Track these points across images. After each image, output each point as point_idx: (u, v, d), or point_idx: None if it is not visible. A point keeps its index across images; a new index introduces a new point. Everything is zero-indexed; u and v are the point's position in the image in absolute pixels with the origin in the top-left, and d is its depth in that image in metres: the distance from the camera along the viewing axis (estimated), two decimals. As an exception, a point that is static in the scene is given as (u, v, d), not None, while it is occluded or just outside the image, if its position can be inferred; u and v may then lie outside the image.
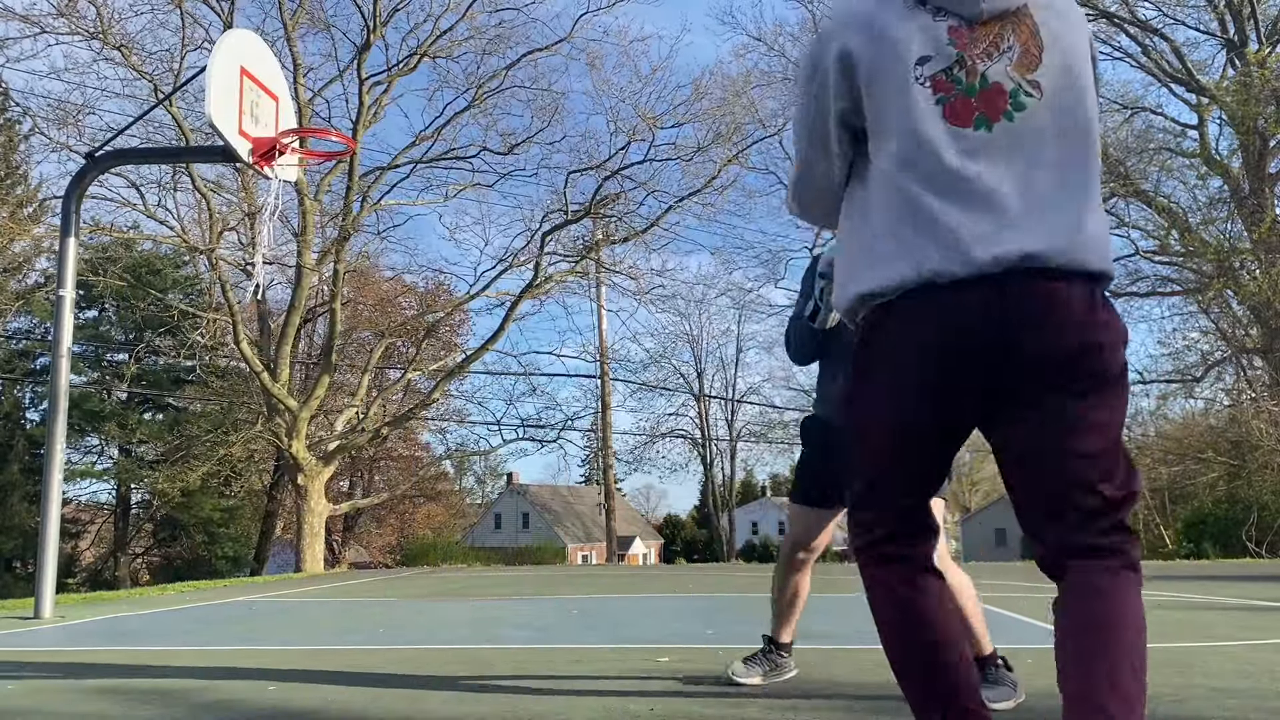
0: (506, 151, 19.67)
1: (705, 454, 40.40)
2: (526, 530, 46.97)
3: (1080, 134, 1.69)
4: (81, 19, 15.97)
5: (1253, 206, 20.22)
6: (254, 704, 2.95)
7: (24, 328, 28.14)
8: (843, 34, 1.74)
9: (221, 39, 7.48)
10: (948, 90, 1.67)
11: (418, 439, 31.75)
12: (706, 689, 3.09)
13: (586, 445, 36.24)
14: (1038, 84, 1.68)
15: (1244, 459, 21.02)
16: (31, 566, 23.10)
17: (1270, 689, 2.96)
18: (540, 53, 19.21)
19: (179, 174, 17.86)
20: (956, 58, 1.68)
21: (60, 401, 6.80)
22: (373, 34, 18.13)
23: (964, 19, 1.70)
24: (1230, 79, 20.88)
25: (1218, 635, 4.49)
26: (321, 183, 18.60)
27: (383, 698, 3.01)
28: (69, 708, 2.95)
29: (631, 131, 18.69)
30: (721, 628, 5.01)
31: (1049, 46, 1.70)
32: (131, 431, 28.61)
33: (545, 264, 19.22)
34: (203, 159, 14.20)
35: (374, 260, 23.33)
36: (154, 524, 31.28)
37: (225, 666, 3.78)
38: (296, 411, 17.80)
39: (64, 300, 6.86)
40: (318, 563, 17.97)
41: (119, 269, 21.07)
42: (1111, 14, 22.05)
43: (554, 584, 9.71)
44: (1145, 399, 24.80)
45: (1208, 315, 23.04)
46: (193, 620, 6.15)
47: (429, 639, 4.74)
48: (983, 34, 1.70)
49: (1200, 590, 7.65)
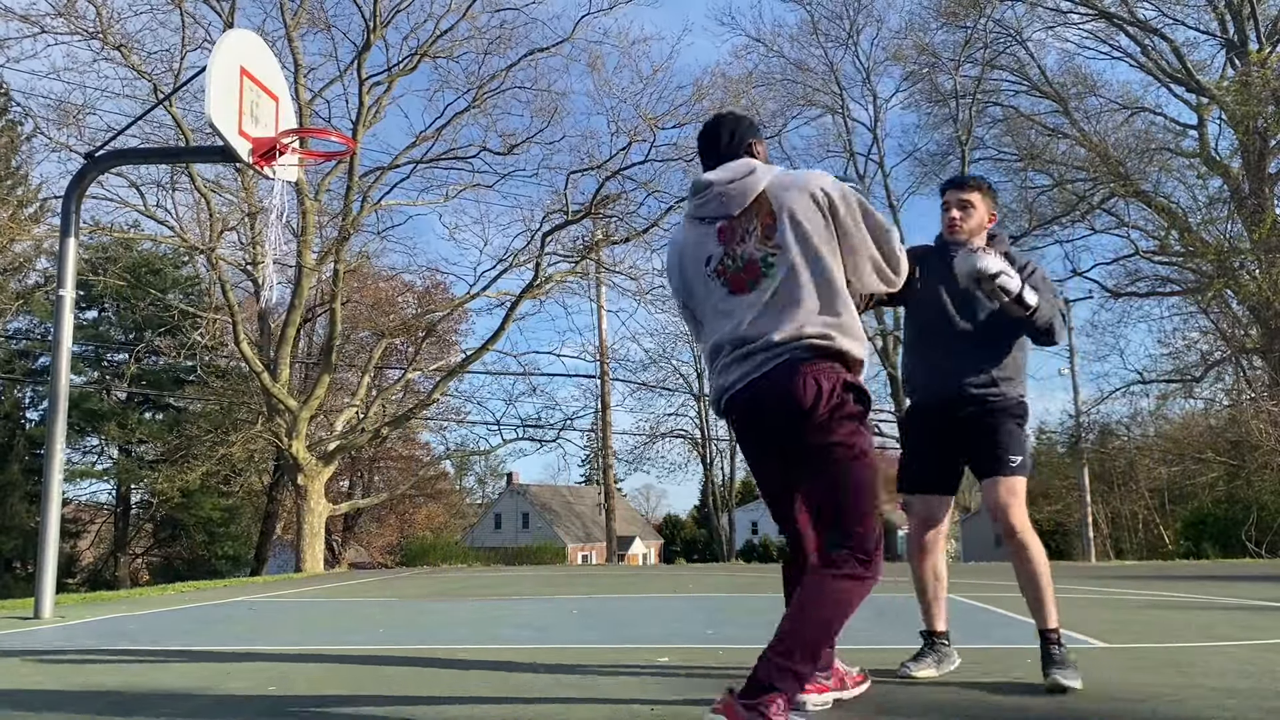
0: (506, 152, 19.65)
1: (705, 454, 40.36)
2: (526, 530, 46.96)
3: (815, 262, 2.41)
4: (80, 19, 15.97)
5: (1253, 206, 20.23)
6: (254, 704, 2.95)
7: (24, 328, 28.17)
8: (671, 255, 2.72)
9: (222, 39, 7.48)
10: (724, 273, 2.51)
11: (417, 439, 31.75)
12: (706, 689, 3.09)
13: (586, 445, 36.22)
14: (778, 246, 2.43)
15: (1244, 459, 21.01)
16: (31, 566, 23.10)
17: (1270, 689, 2.96)
18: (541, 53, 19.19)
19: (179, 174, 17.85)
20: (725, 251, 2.51)
21: (60, 401, 6.80)
22: (373, 34, 18.12)
23: (726, 218, 2.52)
24: (1230, 79, 20.88)
25: (1218, 635, 4.49)
26: (321, 183, 18.60)
27: (383, 698, 3.01)
28: (69, 708, 2.94)
29: (632, 132, 18.66)
30: (721, 628, 5.00)
31: (779, 214, 2.44)
32: (131, 431, 28.61)
33: (545, 264, 19.20)
34: (203, 159, 14.19)
35: (374, 259, 23.34)
36: (154, 524, 31.28)
37: (225, 666, 3.78)
38: (296, 411, 17.79)
39: (64, 300, 6.85)
40: (318, 563, 17.96)
41: (119, 269, 21.07)
42: (1111, 14, 22.07)
43: (554, 584, 9.71)
44: (1145, 399, 24.85)
45: (1207, 315, 23.04)
46: (193, 620, 6.14)
47: (429, 639, 4.74)
48: (738, 225, 2.50)
49: (1200, 590, 7.65)
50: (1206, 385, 23.99)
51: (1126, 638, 4.40)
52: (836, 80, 25.17)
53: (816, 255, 2.41)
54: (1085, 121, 23.10)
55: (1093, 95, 23.28)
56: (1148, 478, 26.06)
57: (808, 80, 24.99)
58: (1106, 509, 29.01)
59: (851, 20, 24.81)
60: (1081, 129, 22.92)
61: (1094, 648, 4.04)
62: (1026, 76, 23.65)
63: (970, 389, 3.23)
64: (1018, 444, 3.18)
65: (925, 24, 24.13)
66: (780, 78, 24.81)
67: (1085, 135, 22.73)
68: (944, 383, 3.28)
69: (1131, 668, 3.44)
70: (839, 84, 25.23)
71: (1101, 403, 26.00)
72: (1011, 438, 3.18)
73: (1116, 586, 8.24)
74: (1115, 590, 7.74)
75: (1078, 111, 23.10)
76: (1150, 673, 3.31)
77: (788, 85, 24.85)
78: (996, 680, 3.19)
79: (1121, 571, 11.62)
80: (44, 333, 27.25)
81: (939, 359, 3.31)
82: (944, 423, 3.28)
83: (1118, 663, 3.58)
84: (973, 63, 23.53)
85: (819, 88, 25.07)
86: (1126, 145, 22.52)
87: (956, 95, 23.70)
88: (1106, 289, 24.01)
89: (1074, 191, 23.37)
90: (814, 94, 25.05)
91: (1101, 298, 24.41)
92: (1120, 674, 3.30)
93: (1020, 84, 24.00)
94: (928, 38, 23.89)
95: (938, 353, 3.32)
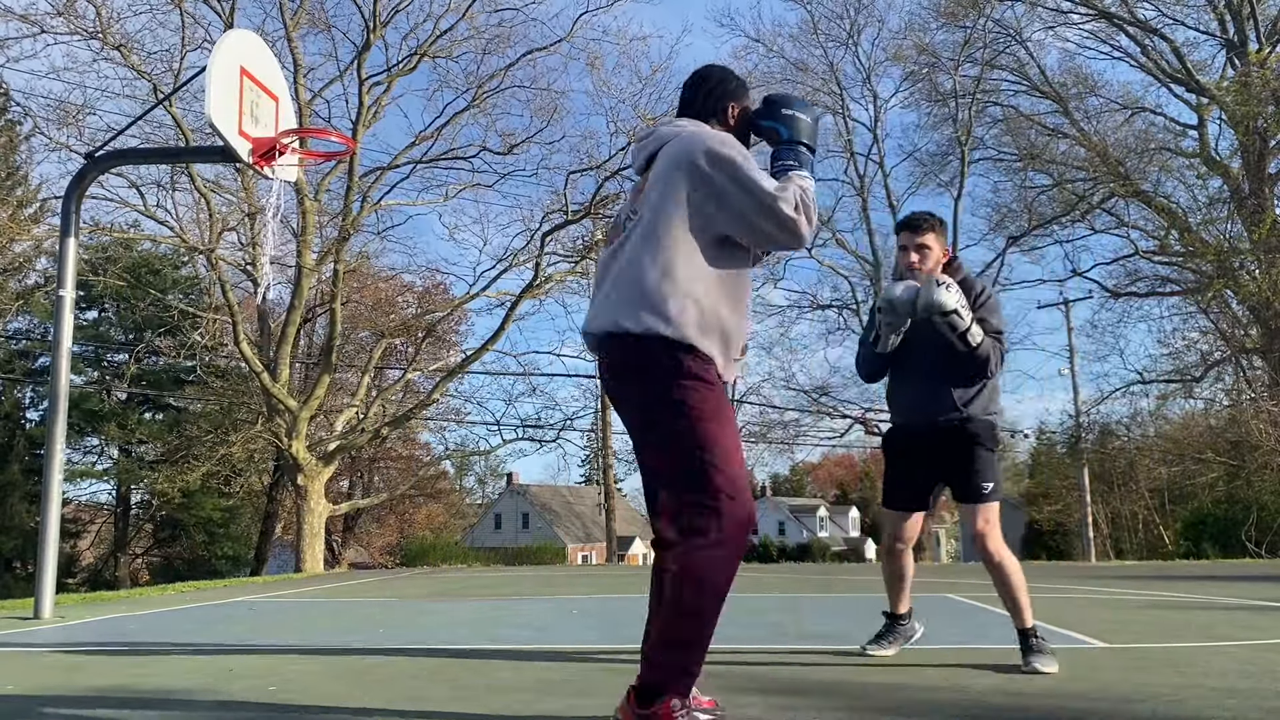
0: (506, 151, 19.67)
1: (705, 454, 40.35)
2: (526, 530, 46.96)
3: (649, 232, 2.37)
4: (80, 19, 15.98)
5: (1253, 207, 20.22)
6: (254, 704, 2.95)
7: (24, 328, 28.16)
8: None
9: (222, 39, 7.47)
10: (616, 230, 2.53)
11: (417, 439, 31.76)
12: (707, 689, 3.09)
13: (586, 445, 36.23)
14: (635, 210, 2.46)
15: (1244, 459, 21.00)
16: (31, 566, 23.11)
17: (1270, 689, 2.96)
18: (540, 52, 19.22)
19: (179, 174, 17.85)
20: (631, 208, 2.50)
21: (60, 401, 6.80)
22: (373, 34, 18.13)
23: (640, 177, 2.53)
24: (1230, 79, 20.87)
25: (1218, 635, 4.49)
26: (321, 183, 18.60)
27: (383, 698, 3.01)
28: (69, 708, 2.95)
29: (632, 132, 18.66)
30: (720, 628, 4.98)
31: (652, 178, 2.43)
32: (131, 431, 28.62)
33: (545, 264, 19.23)
34: (203, 159, 14.19)
35: (374, 259, 23.35)
36: (154, 524, 31.29)
37: (225, 666, 3.78)
38: (296, 411, 17.79)
39: (64, 300, 6.85)
40: (318, 563, 17.96)
41: (119, 269, 21.07)
42: (1111, 14, 22.06)
43: (554, 584, 9.71)
44: (1145, 399, 24.84)
45: (1207, 315, 23.03)
46: (193, 620, 6.14)
47: (429, 639, 4.73)
48: (642, 184, 2.49)
49: (1200, 590, 7.65)
50: (1206, 385, 24.01)
51: (1126, 638, 4.40)
52: (837, 80, 25.19)
53: (660, 221, 2.35)
54: (1085, 121, 23.11)
55: (1093, 95, 23.28)
56: (1148, 478, 26.05)
57: (808, 80, 24.97)
58: (1106, 509, 29.02)
59: (852, 20, 24.83)
60: (1081, 129, 22.92)
61: (1094, 648, 4.04)
62: (1026, 76, 23.65)
63: (944, 414, 3.48)
64: (990, 470, 3.46)
65: (925, 24, 24.14)
66: (780, 78, 24.78)
67: (1085, 135, 22.72)
68: (921, 408, 3.54)
69: (1131, 668, 3.44)
70: (839, 84, 25.24)
71: (1101, 403, 26.03)
72: (985, 464, 3.45)
73: (1116, 586, 8.25)
74: (1115, 590, 7.74)
75: (1078, 111, 23.10)
76: (1150, 673, 3.31)
77: (788, 85, 24.81)
78: (996, 680, 3.19)
79: (1121, 571, 11.62)
80: (44, 333, 27.25)
81: (915, 384, 3.57)
82: (921, 445, 3.56)
83: (1118, 663, 3.58)
84: (972, 63, 23.52)
85: (819, 88, 25.06)
86: (1126, 145, 22.50)
87: (956, 95, 23.69)
88: (1106, 289, 24.03)
89: (1074, 191, 23.36)
90: (814, 94, 25.04)
91: (1101, 298, 24.43)
92: (1120, 674, 3.30)
93: (1020, 84, 23.99)
94: (927, 38, 23.89)
95: (914, 378, 3.58)
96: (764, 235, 2.35)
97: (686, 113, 2.59)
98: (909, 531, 3.69)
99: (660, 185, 2.38)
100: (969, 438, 3.46)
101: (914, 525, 3.69)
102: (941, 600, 6.70)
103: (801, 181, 2.41)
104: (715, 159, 2.34)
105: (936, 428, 3.50)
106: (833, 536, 50.01)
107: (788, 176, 2.43)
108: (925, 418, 3.53)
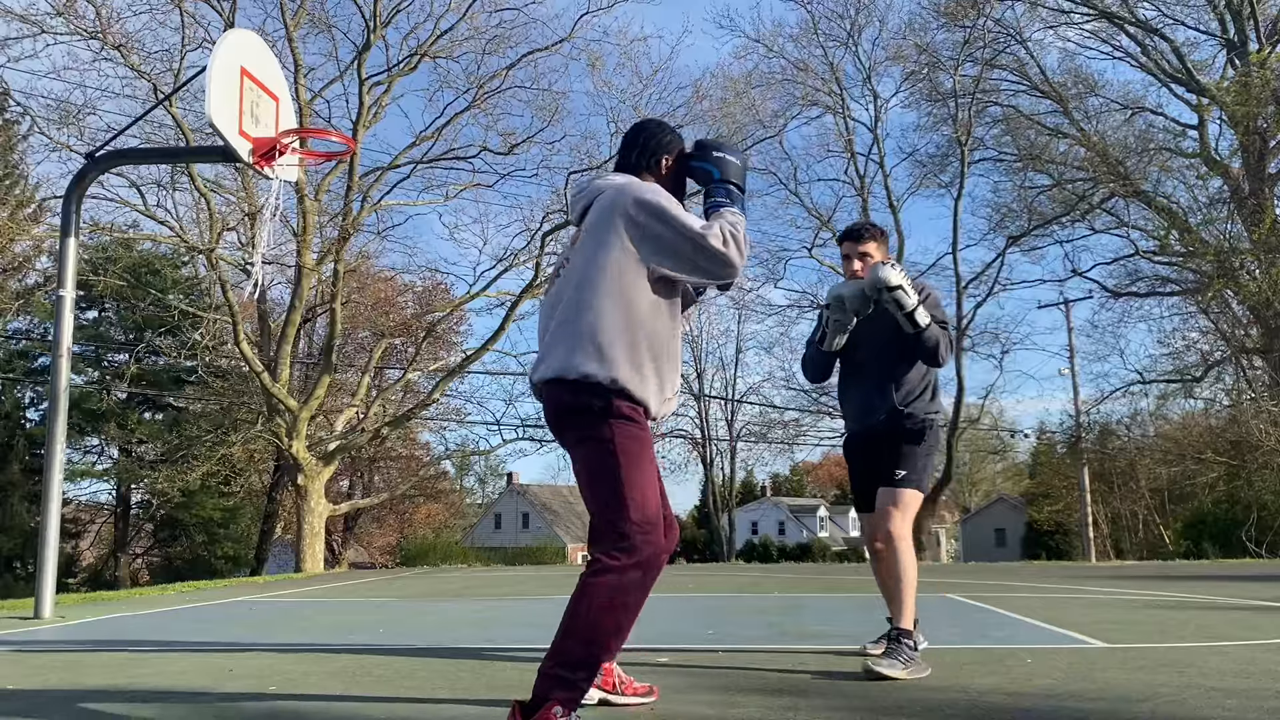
0: (506, 151, 19.66)
1: (705, 454, 40.39)
2: (526, 530, 46.98)
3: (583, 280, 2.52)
4: (80, 19, 15.97)
5: (1253, 206, 20.22)
6: (254, 704, 2.95)
7: (24, 328, 28.15)
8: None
9: (222, 39, 7.46)
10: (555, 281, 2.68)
11: (417, 439, 31.75)
12: (706, 689, 3.09)
13: (586, 445, 36.14)
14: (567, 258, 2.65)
15: (1244, 459, 21.00)
16: (31, 566, 23.09)
17: (1270, 689, 2.96)
18: (540, 53, 19.21)
19: (179, 174, 17.85)
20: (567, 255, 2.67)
21: (60, 401, 6.80)
22: (373, 34, 18.13)
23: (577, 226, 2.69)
24: (1230, 79, 20.87)
25: (1218, 635, 4.49)
26: (321, 183, 18.59)
27: (382, 698, 3.01)
28: (69, 708, 2.95)
29: (632, 131, 18.65)
30: (721, 628, 5.00)
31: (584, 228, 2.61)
32: (131, 431, 28.59)
33: (545, 264, 19.22)
34: (203, 159, 14.19)
35: (374, 259, 23.34)
36: (154, 524, 31.27)
37: (225, 666, 3.78)
38: (296, 411, 17.79)
39: (64, 300, 6.85)
40: (318, 563, 17.96)
41: (119, 269, 21.06)
42: (1111, 14, 22.05)
43: (554, 584, 9.71)
44: (1145, 399, 24.84)
45: (1207, 315, 23.03)
46: (193, 620, 6.14)
47: (429, 639, 4.73)
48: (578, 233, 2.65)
49: (1200, 590, 7.65)
50: (1206, 385, 24.00)
51: (1126, 638, 4.40)
52: (837, 80, 25.13)
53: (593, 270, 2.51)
54: (1085, 121, 23.08)
55: (1093, 95, 23.26)
56: (1148, 478, 26.06)
57: (808, 80, 24.96)
58: (1106, 509, 29.02)
59: (853, 20, 24.78)
60: (1081, 129, 22.90)
61: (1094, 648, 4.04)
62: (1026, 76, 23.63)
63: (882, 415, 3.68)
64: (911, 461, 3.60)
65: (925, 24, 24.11)
66: (781, 78, 24.79)
67: (1085, 135, 22.71)
68: (864, 412, 3.75)
69: (1131, 668, 3.44)
70: (839, 84, 25.20)
71: (1101, 403, 26.04)
72: (908, 456, 3.61)
73: (1116, 586, 8.24)
74: (1115, 590, 7.74)
75: (1078, 111, 23.08)
76: (1150, 673, 3.31)
77: (788, 85, 24.83)
78: (996, 680, 3.19)
79: (1121, 571, 11.62)
80: (44, 333, 27.24)
81: (862, 386, 3.77)
82: (868, 447, 3.74)
83: (1118, 663, 3.58)
84: (973, 62, 23.50)
85: (819, 88, 25.05)
86: (1126, 145, 22.50)
87: (956, 95, 23.67)
88: (1106, 289, 24.02)
89: (1074, 191, 23.35)
90: (814, 94, 25.05)
91: (1101, 298, 24.43)
92: (1120, 674, 3.30)
93: (1020, 84, 23.96)
94: (928, 37, 23.87)
95: (861, 380, 3.79)
96: (697, 269, 2.53)
97: (622, 166, 2.78)
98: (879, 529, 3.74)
99: (593, 234, 2.56)
100: (898, 433, 3.63)
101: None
102: (941, 600, 6.70)
103: (731, 217, 2.59)
104: (643, 205, 2.53)
105: (876, 426, 3.68)
106: (833, 536, 49.98)
107: (718, 213, 2.62)
108: (868, 420, 3.72)
